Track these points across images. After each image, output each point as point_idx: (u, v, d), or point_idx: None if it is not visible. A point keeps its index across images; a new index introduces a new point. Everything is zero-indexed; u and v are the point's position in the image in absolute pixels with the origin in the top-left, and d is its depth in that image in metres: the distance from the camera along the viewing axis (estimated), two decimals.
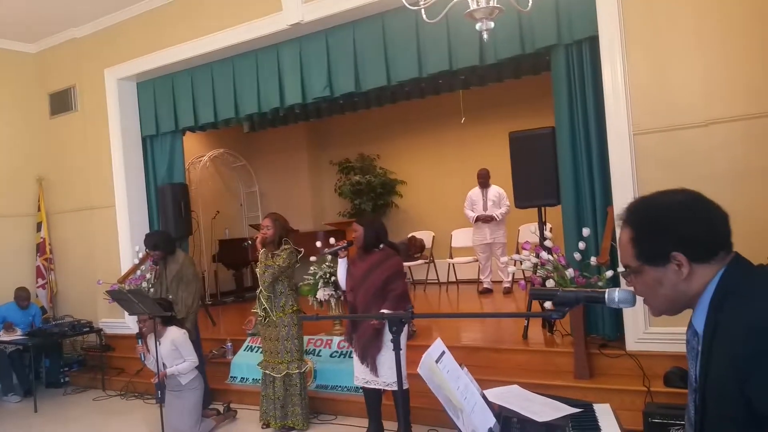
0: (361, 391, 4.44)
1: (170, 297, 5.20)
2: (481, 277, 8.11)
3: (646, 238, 1.41)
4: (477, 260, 8.15)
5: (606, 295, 1.61)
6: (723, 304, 1.30)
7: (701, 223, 1.35)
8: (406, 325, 4.10)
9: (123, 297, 4.88)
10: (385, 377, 4.12)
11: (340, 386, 5.25)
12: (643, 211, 1.43)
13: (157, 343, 4.59)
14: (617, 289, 1.59)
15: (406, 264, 8.56)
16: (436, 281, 8.96)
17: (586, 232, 4.48)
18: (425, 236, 9.21)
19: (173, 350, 4.63)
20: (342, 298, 6.00)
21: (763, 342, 1.17)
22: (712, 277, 1.34)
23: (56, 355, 7.00)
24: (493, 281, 8.08)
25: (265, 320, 4.71)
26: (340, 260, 4.52)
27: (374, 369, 4.14)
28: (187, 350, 4.67)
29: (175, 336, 4.66)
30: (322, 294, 5.94)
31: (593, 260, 4.31)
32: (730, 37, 4.10)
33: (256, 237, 4.78)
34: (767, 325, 1.19)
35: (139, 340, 4.73)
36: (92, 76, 7.39)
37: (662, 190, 1.44)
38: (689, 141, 4.23)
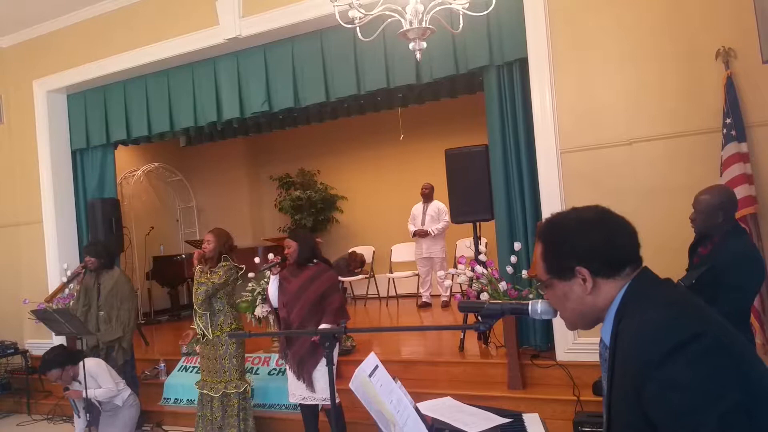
0: (299, 408, 4.40)
1: (101, 314, 5.08)
2: (421, 291, 8.20)
3: (552, 254, 1.45)
4: (417, 274, 8.24)
5: (529, 307, 1.64)
6: (624, 316, 1.33)
7: (600, 238, 1.38)
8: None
9: (49, 317, 4.68)
10: (322, 393, 4.09)
11: (278, 404, 5.17)
12: (550, 227, 1.48)
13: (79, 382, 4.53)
14: (540, 300, 1.61)
15: (347, 279, 8.59)
16: (377, 296, 9.00)
17: (517, 246, 4.60)
18: (366, 251, 9.23)
19: (90, 380, 4.55)
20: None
21: (653, 352, 1.18)
22: (618, 291, 1.37)
23: None
24: (432, 295, 8.18)
25: (203, 338, 4.57)
26: (272, 276, 4.48)
27: (311, 385, 4.12)
28: (104, 378, 4.62)
29: (89, 367, 4.55)
30: (260, 311, 5.86)
31: (524, 273, 4.44)
32: (649, 62, 4.34)
33: (195, 252, 4.68)
34: (657, 336, 1.20)
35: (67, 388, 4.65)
36: (20, 87, 7.14)
37: (574, 207, 1.48)
38: (613, 158, 4.44)
